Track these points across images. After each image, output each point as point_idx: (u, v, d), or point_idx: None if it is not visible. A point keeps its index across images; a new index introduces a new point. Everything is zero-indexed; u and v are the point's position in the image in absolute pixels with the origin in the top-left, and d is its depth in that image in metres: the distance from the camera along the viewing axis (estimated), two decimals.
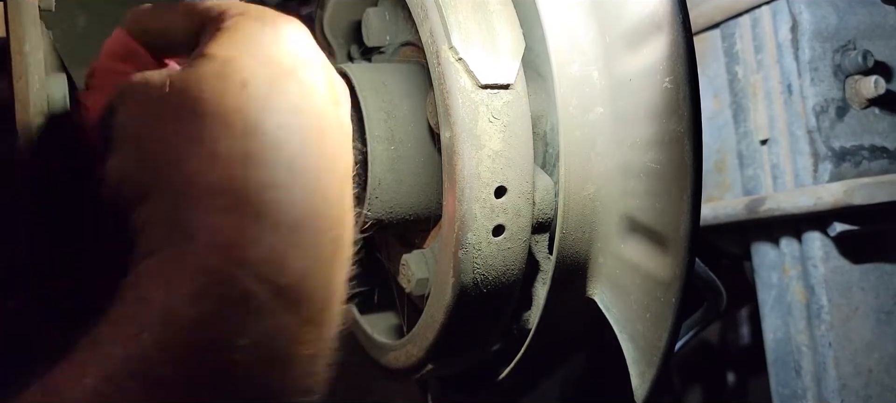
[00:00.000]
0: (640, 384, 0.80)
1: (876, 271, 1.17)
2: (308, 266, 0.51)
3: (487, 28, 0.76)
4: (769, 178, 1.19)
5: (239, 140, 0.50)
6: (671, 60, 0.73)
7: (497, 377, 0.92)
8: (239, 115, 0.50)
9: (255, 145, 0.50)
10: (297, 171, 0.51)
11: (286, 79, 0.53)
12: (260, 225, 0.49)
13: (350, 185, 0.58)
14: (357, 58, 1.00)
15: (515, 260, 0.78)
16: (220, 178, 0.49)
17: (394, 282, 0.96)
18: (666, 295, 0.75)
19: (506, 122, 0.74)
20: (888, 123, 1.16)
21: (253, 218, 0.49)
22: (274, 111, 0.51)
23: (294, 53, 0.55)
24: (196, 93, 0.50)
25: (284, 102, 0.52)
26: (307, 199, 0.51)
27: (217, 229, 0.48)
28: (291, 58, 0.54)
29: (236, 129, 0.50)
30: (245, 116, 0.50)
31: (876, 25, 1.17)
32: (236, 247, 0.48)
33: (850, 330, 1.15)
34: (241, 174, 0.49)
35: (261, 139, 0.50)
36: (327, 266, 0.53)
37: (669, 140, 0.73)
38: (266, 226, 0.49)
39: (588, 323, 0.86)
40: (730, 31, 1.23)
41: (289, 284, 0.50)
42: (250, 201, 0.49)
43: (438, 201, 0.81)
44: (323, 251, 0.52)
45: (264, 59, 0.53)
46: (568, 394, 1.79)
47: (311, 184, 0.52)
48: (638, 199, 0.77)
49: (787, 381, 1.21)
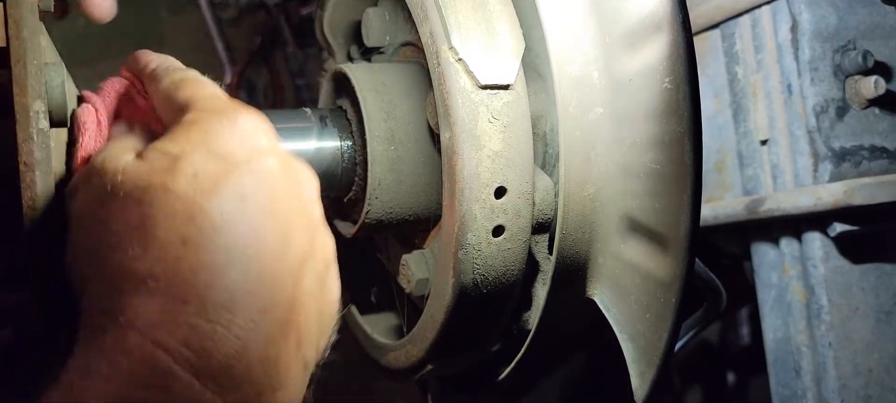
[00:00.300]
0: (640, 384, 0.80)
1: (876, 271, 1.17)
2: (240, 349, 0.50)
3: (487, 28, 0.76)
4: (769, 178, 1.19)
5: (179, 226, 0.50)
6: (671, 60, 0.73)
7: (497, 377, 0.92)
8: (182, 203, 0.50)
9: (193, 230, 0.50)
10: (236, 256, 0.51)
11: (237, 169, 0.53)
12: (187, 306, 0.49)
13: (316, 266, 0.57)
14: (357, 58, 1.00)
15: (515, 261, 0.78)
16: (153, 262, 0.49)
17: (394, 282, 0.96)
18: (666, 295, 0.75)
19: (506, 123, 0.74)
20: (888, 123, 1.16)
21: (180, 300, 0.49)
22: (220, 198, 0.51)
23: (249, 145, 0.55)
24: (144, 184, 0.51)
25: (232, 190, 0.52)
26: (244, 282, 0.51)
27: (140, 311, 0.48)
28: (246, 149, 0.55)
29: (177, 217, 0.50)
30: (188, 204, 0.50)
31: (876, 25, 1.17)
32: (159, 328, 0.48)
33: (850, 330, 1.15)
34: (175, 258, 0.49)
35: (200, 224, 0.50)
36: (269, 348, 0.51)
37: (669, 140, 0.73)
38: (193, 308, 0.49)
39: (588, 323, 0.86)
40: (730, 31, 1.23)
41: (217, 367, 0.49)
42: (179, 284, 0.49)
43: (438, 201, 0.81)
44: (262, 333, 0.51)
45: (217, 153, 0.53)
46: (568, 394, 1.79)
47: (252, 268, 0.51)
48: (638, 199, 0.77)
49: (787, 381, 1.21)
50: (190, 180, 0.51)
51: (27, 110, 0.54)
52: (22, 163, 0.54)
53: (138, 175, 0.52)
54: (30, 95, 0.54)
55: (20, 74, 0.54)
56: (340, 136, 0.84)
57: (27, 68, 0.54)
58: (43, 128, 0.54)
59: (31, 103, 0.54)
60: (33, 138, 0.54)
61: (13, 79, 0.54)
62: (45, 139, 0.54)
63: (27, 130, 0.54)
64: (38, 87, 0.54)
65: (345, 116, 0.86)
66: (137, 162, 0.53)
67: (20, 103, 0.54)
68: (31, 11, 0.55)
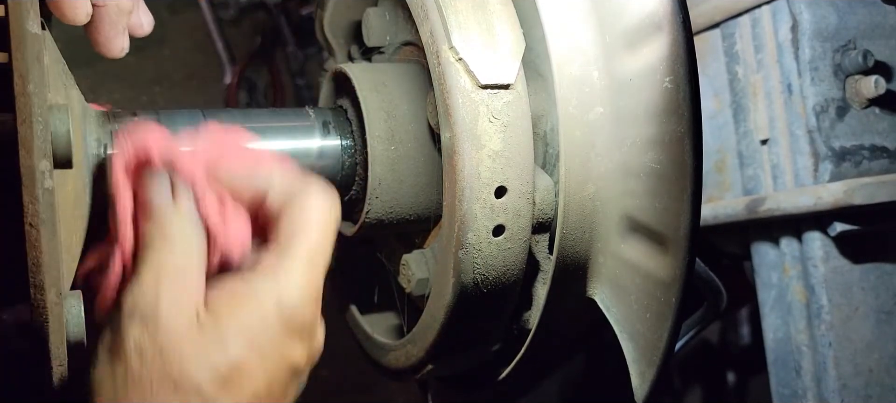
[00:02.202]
0: (640, 384, 0.80)
1: (876, 271, 1.17)
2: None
3: (487, 28, 0.76)
4: (769, 178, 1.19)
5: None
6: (671, 60, 0.73)
7: (497, 377, 0.92)
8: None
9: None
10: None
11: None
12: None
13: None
14: (357, 58, 1.00)
15: (515, 260, 0.78)
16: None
17: (394, 282, 0.96)
18: (666, 295, 0.75)
19: (506, 122, 0.74)
20: (888, 123, 1.16)
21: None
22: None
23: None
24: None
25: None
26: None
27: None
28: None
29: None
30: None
31: (876, 25, 1.17)
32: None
33: (850, 329, 1.15)
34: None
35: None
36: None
37: (669, 140, 0.73)
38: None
39: (588, 322, 0.86)
40: (730, 30, 1.23)
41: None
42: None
43: (438, 201, 0.81)
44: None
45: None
46: (568, 394, 1.79)
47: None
48: (638, 199, 0.77)
49: (787, 381, 1.21)
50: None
51: (33, 172, 0.54)
52: (27, 224, 0.54)
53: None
54: (36, 156, 0.54)
55: (26, 135, 0.53)
56: (341, 136, 0.84)
57: (33, 127, 0.53)
58: (48, 186, 0.54)
59: (37, 164, 0.54)
60: (39, 199, 0.54)
61: (19, 140, 0.53)
62: (50, 197, 0.54)
63: (33, 192, 0.54)
64: (45, 146, 0.54)
65: (345, 116, 0.86)
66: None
67: (26, 165, 0.53)
68: (37, 60, 0.54)
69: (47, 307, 0.55)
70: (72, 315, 0.58)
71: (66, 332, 0.57)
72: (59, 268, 0.56)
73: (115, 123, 0.71)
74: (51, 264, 0.55)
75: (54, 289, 0.55)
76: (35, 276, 0.55)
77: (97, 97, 0.73)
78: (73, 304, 0.58)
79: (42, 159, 0.54)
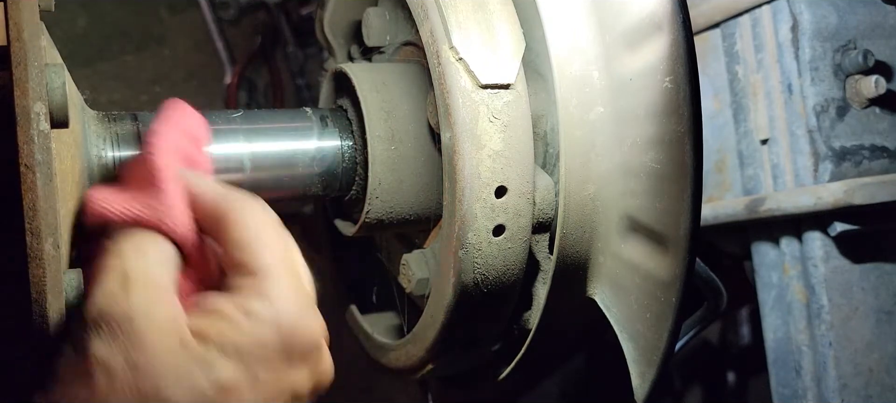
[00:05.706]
0: (641, 384, 0.80)
1: (876, 271, 1.17)
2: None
3: (488, 28, 0.76)
4: (769, 178, 1.19)
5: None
6: (671, 60, 0.73)
7: (497, 376, 0.92)
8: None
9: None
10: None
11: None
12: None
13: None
14: (357, 57, 1.00)
15: (516, 260, 0.78)
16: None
17: (394, 282, 0.96)
18: (666, 295, 0.75)
19: (506, 122, 0.74)
20: (888, 123, 1.16)
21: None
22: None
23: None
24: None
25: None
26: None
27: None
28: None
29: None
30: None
31: (876, 25, 1.17)
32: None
33: (850, 329, 1.15)
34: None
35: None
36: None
37: (670, 140, 0.73)
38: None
39: (588, 322, 0.86)
40: (730, 30, 1.23)
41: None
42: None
43: (438, 201, 0.81)
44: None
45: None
46: (568, 394, 1.79)
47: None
48: (638, 199, 0.77)
49: (788, 381, 1.21)
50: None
51: (28, 112, 0.54)
52: (23, 165, 0.53)
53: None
54: (31, 97, 0.54)
55: (21, 76, 0.54)
56: (341, 136, 0.84)
57: (28, 70, 0.54)
58: (43, 129, 0.54)
59: (32, 104, 0.54)
60: (34, 140, 0.53)
61: (14, 82, 0.53)
62: (46, 141, 0.54)
63: (28, 132, 0.53)
64: (40, 89, 0.54)
65: (345, 116, 0.86)
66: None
67: (21, 105, 0.53)
68: (32, 13, 0.55)
69: (44, 258, 0.52)
70: (70, 284, 0.55)
71: (65, 297, 0.54)
72: (57, 217, 0.53)
73: (115, 123, 0.71)
74: (47, 210, 0.53)
75: (51, 239, 0.53)
76: (31, 222, 0.52)
77: (97, 97, 0.73)
78: (73, 276, 0.56)
79: (37, 101, 0.54)
